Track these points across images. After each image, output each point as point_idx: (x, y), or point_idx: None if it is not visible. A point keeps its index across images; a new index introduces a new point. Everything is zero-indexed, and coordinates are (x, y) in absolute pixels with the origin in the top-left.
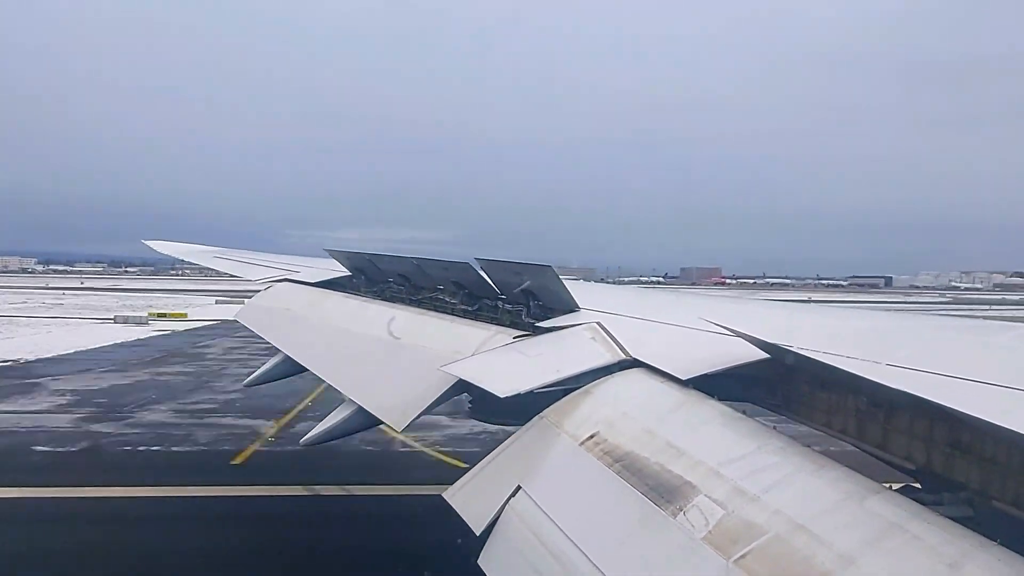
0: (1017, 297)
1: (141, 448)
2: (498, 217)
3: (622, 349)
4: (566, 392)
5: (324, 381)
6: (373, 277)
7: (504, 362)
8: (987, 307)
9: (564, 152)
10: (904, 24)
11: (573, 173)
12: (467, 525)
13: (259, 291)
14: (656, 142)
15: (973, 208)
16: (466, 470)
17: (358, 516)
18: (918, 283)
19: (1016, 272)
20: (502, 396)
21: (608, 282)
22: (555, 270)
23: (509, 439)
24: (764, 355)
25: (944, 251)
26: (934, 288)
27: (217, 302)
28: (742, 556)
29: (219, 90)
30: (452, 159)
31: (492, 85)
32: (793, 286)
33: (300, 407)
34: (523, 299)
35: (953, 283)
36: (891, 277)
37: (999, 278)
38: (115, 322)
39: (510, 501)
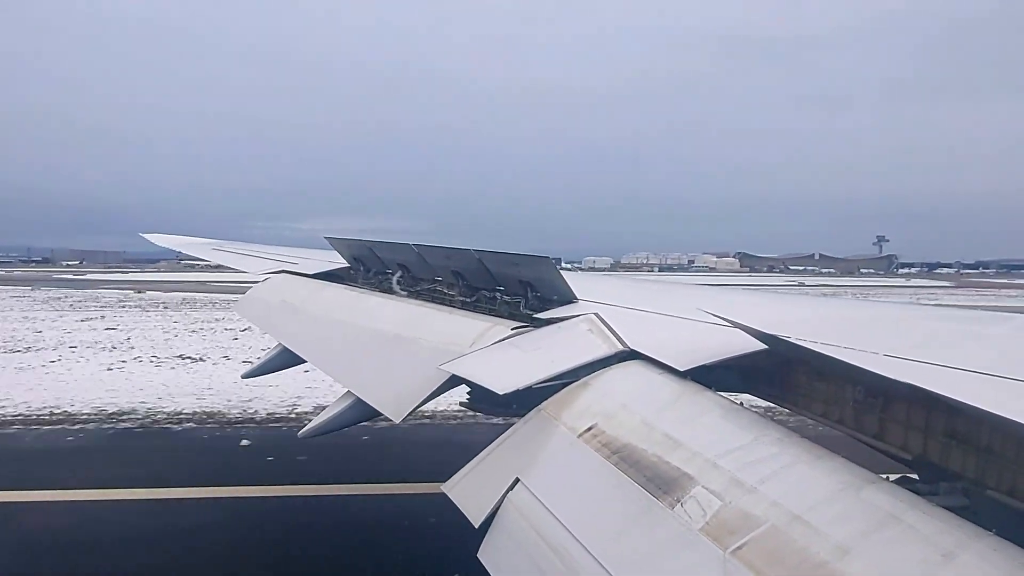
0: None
1: None
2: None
3: (620, 340)
4: (564, 384)
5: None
6: (372, 267)
7: (502, 358)
8: None
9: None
10: None
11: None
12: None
13: (257, 283)
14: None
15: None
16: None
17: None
18: (597, 265)
19: (740, 252)
20: (501, 393)
21: None
22: (552, 261)
23: (507, 431)
24: (762, 346)
25: (669, 234)
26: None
27: None
28: (739, 547)
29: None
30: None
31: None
32: None
33: None
34: (521, 290)
35: (589, 263)
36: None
37: (711, 259)
38: None
39: (508, 494)
